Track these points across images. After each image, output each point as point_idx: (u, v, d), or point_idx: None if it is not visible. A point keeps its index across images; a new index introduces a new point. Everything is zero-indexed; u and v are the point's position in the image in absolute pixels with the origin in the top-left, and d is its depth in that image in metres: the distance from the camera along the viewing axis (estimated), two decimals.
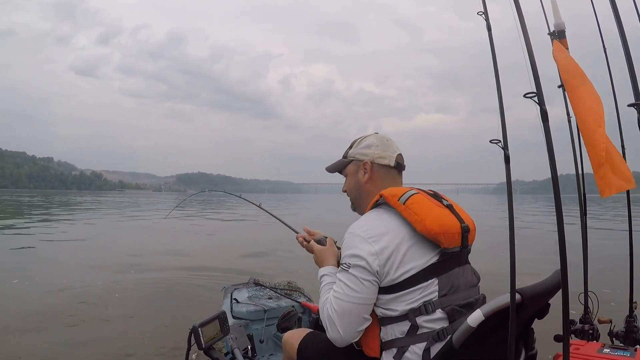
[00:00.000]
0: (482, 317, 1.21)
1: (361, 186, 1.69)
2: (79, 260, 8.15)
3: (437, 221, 1.40)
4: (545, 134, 1.12)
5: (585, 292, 2.33)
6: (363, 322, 1.43)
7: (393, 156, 1.68)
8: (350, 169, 1.73)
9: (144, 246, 10.42)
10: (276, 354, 2.67)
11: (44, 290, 5.66)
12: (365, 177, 1.67)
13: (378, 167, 1.67)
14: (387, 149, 1.69)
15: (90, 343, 3.80)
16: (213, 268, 7.26)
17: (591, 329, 2.19)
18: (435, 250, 1.41)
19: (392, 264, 1.38)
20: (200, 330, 1.71)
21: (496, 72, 1.23)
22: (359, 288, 1.40)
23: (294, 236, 1.99)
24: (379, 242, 1.39)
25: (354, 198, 1.74)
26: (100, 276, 6.50)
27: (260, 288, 3.23)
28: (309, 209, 36.29)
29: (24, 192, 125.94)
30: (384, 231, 1.42)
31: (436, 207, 1.47)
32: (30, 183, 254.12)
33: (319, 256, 1.75)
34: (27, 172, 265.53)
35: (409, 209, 1.41)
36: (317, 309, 2.77)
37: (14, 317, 4.46)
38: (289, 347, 1.78)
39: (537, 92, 1.11)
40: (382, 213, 1.49)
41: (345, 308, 1.41)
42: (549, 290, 1.40)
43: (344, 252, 1.47)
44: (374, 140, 1.71)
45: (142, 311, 4.83)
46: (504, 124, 1.18)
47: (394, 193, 1.47)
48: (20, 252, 9.42)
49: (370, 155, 1.68)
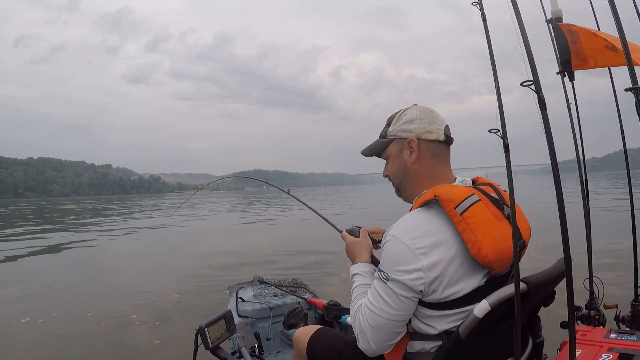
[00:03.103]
0: (489, 308, 1.21)
1: (408, 168, 1.44)
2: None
3: (494, 245, 1.22)
4: (544, 121, 1.11)
5: (590, 278, 2.33)
6: (397, 336, 1.31)
7: (441, 129, 1.43)
8: (392, 149, 1.48)
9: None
10: (283, 351, 2.68)
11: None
12: (412, 157, 1.42)
13: (426, 143, 1.42)
14: (433, 121, 1.43)
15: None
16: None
17: (597, 314, 2.19)
18: (483, 272, 1.26)
19: (439, 283, 1.22)
20: (206, 330, 1.72)
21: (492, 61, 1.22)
22: (396, 305, 1.25)
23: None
24: (428, 255, 1.21)
25: (399, 183, 1.50)
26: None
27: (265, 286, 3.23)
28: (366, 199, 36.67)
29: (85, 199, 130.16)
30: (435, 242, 1.22)
31: (496, 222, 1.27)
32: (91, 190, 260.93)
33: (351, 249, 1.60)
34: (88, 179, 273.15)
35: (466, 224, 1.22)
36: (322, 304, 2.78)
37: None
38: (300, 343, 1.76)
39: (534, 80, 1.11)
40: (433, 216, 1.27)
41: (379, 323, 1.28)
42: (554, 278, 1.38)
43: (384, 258, 1.29)
44: (416, 113, 1.45)
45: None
46: (502, 112, 1.18)
47: (450, 197, 1.25)
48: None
49: (415, 130, 1.42)
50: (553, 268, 1.41)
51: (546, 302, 1.47)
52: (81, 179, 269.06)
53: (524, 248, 1.36)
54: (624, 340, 1.60)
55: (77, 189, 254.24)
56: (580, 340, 1.61)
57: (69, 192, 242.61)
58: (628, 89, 1.30)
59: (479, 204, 1.27)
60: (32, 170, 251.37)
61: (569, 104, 2.31)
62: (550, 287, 1.42)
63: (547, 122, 1.11)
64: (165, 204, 41.03)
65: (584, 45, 2.01)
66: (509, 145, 1.17)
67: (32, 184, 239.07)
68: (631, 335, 1.62)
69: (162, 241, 12.96)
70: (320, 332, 1.75)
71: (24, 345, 4.14)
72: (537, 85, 1.10)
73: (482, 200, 1.29)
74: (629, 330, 1.78)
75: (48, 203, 75.74)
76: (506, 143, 1.18)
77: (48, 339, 4.26)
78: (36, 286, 6.74)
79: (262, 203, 38.18)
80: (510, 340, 1.21)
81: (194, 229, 16.21)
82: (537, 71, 1.11)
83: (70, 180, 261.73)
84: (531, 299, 1.31)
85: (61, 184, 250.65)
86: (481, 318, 1.21)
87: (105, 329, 4.49)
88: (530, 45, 1.11)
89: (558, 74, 2.19)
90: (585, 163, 2.33)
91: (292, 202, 29.60)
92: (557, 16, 2.11)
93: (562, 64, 2.13)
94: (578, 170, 2.29)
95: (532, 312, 1.49)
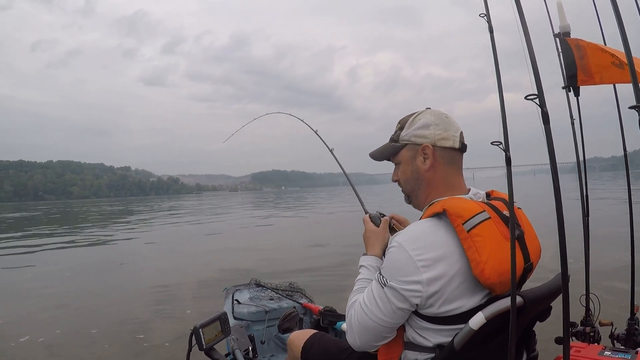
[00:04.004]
0: (484, 320, 1.20)
1: (421, 175, 1.40)
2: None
3: (498, 267, 1.19)
4: (547, 136, 1.11)
5: (586, 294, 2.32)
6: (383, 339, 1.31)
7: (456, 135, 1.39)
8: (404, 155, 1.43)
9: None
10: (277, 355, 2.67)
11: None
12: (426, 164, 1.38)
13: (441, 150, 1.38)
14: (449, 127, 1.39)
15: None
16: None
17: (592, 331, 2.18)
18: (484, 292, 1.24)
19: (437, 299, 1.20)
20: (201, 331, 1.71)
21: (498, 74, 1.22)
22: (387, 312, 1.25)
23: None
24: (430, 269, 1.18)
25: (410, 190, 1.46)
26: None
27: (261, 289, 3.23)
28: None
29: (103, 200, 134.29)
30: (439, 256, 1.19)
31: (504, 242, 1.23)
32: (110, 192, 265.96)
33: (367, 237, 1.57)
34: (107, 181, 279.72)
35: (472, 242, 1.19)
36: (318, 310, 2.78)
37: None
38: (294, 347, 1.76)
39: (539, 94, 1.11)
40: (440, 228, 1.24)
41: (367, 325, 1.28)
42: (551, 293, 1.38)
43: (386, 263, 1.28)
44: (431, 117, 1.40)
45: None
46: (505, 125, 1.18)
47: (459, 213, 1.21)
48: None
49: (430, 137, 1.38)
50: (550, 283, 1.41)
51: (542, 316, 1.47)
52: (100, 181, 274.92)
53: (531, 270, 1.33)
54: (617, 358, 1.59)
55: (96, 191, 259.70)
56: (574, 356, 1.60)
57: (89, 194, 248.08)
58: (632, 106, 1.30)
59: (489, 222, 1.24)
60: (51, 173, 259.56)
61: (573, 119, 2.31)
62: (546, 302, 1.41)
63: (549, 137, 1.11)
64: (203, 205, 42.82)
65: (591, 61, 2.01)
66: (510, 158, 1.17)
67: (52, 187, 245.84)
68: (625, 354, 1.62)
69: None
70: (315, 337, 1.74)
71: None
72: (541, 99, 1.10)
73: (492, 218, 1.26)
74: (624, 348, 1.77)
75: (81, 204, 76.93)
76: (508, 156, 1.17)
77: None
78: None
79: (288, 202, 40.27)
80: (505, 353, 1.21)
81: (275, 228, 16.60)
82: (542, 85, 1.11)
83: (90, 182, 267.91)
84: (527, 313, 1.30)
85: (81, 186, 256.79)
86: (476, 330, 1.21)
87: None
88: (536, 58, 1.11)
89: (563, 89, 2.20)
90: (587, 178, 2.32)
91: (315, 199, 30.16)
92: (564, 31, 2.11)
93: (568, 78, 2.13)
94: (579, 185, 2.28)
95: (528, 326, 1.48)
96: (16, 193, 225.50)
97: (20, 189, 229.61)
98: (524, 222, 1.36)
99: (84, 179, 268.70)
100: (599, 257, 5.35)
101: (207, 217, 23.01)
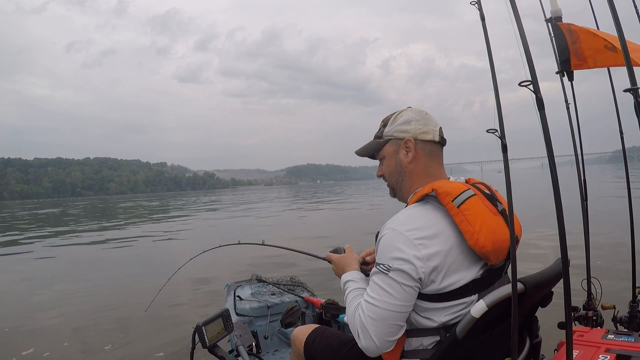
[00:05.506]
0: (486, 308, 1.21)
1: (404, 167, 1.48)
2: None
3: (491, 237, 1.26)
4: (542, 121, 1.11)
5: (588, 278, 2.33)
6: (399, 330, 1.29)
7: (436, 130, 1.48)
8: (388, 150, 1.52)
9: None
10: (281, 349, 2.68)
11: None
12: (408, 157, 1.46)
13: (422, 143, 1.46)
14: (429, 122, 1.48)
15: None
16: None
17: (595, 315, 2.19)
18: (480, 263, 1.30)
19: (438, 273, 1.24)
20: (204, 329, 1.71)
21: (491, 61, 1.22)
22: (399, 294, 1.24)
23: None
24: (426, 246, 1.23)
25: (395, 182, 1.52)
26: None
27: (263, 284, 3.23)
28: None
29: (141, 196, 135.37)
30: (433, 233, 1.25)
31: (492, 216, 1.32)
32: (147, 187, 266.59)
33: (339, 263, 1.62)
34: (143, 177, 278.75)
35: (463, 216, 1.26)
36: (320, 303, 2.78)
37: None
38: (298, 342, 1.76)
39: (532, 80, 1.10)
40: (429, 209, 1.31)
41: (381, 315, 1.26)
42: (552, 278, 1.39)
43: (382, 251, 1.29)
44: (412, 114, 1.50)
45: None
46: (500, 112, 1.17)
47: (448, 191, 1.29)
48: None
49: (412, 131, 1.46)
50: (551, 268, 1.42)
51: (544, 302, 1.47)
52: (137, 177, 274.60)
53: (517, 242, 1.39)
54: (621, 341, 1.59)
55: (133, 186, 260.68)
56: (578, 340, 1.61)
57: (126, 190, 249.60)
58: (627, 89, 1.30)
59: (475, 197, 1.32)
60: (89, 169, 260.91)
61: (568, 104, 2.31)
62: (547, 287, 1.42)
63: (544, 122, 1.11)
64: (247, 197, 44.15)
65: (584, 45, 2.01)
66: (507, 145, 1.18)
67: (90, 183, 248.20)
68: (629, 337, 1.62)
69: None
70: (317, 331, 1.74)
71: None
72: (535, 85, 1.10)
73: (477, 194, 1.34)
74: (627, 331, 1.78)
75: (124, 199, 76.03)
76: (504, 143, 1.18)
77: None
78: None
79: (337, 194, 41.34)
80: (508, 340, 1.21)
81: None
82: (535, 71, 1.11)
83: (127, 178, 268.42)
84: (529, 300, 1.31)
85: (118, 182, 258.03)
86: (478, 318, 1.21)
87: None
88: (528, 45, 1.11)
89: (557, 74, 2.19)
90: (584, 163, 2.32)
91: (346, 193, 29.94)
92: (556, 15, 2.11)
93: (561, 63, 2.12)
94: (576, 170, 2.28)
95: (530, 312, 1.49)
96: (54, 189, 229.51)
97: (58, 185, 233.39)
98: (503, 201, 1.42)
99: (120, 175, 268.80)
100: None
101: (278, 207, 24.95)
